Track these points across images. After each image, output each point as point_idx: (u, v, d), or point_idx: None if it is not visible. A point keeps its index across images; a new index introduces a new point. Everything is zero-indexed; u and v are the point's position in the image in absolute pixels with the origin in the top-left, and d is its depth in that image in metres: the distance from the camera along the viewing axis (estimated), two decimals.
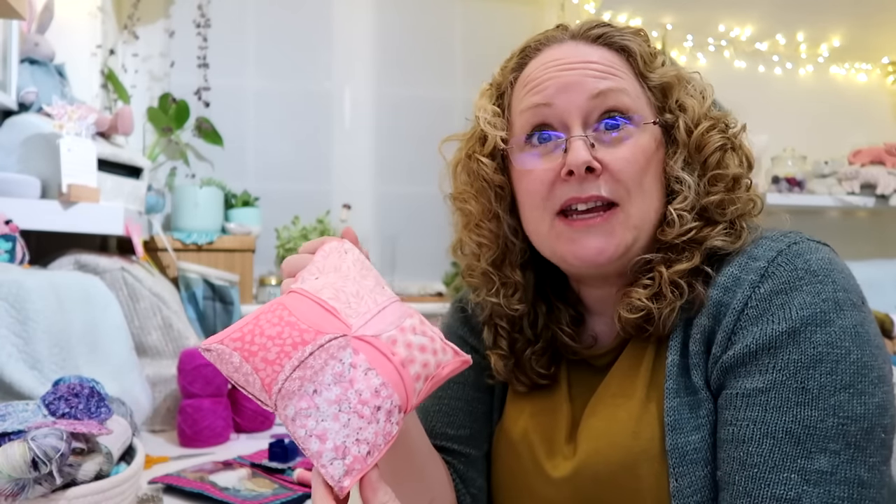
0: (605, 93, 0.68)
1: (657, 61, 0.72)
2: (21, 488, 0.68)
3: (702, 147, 0.69)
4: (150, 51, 2.22)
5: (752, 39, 2.73)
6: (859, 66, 2.92)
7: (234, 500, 0.98)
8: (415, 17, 2.51)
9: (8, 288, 1.06)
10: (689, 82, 0.72)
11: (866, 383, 0.58)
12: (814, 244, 0.64)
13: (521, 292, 0.75)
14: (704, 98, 0.72)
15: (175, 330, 1.46)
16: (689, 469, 0.61)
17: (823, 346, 0.58)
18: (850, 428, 0.56)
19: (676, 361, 0.65)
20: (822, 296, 0.60)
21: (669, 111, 0.71)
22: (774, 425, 0.58)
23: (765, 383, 0.59)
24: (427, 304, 2.31)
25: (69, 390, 0.79)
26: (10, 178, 1.34)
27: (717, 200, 0.68)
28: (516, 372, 0.77)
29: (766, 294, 0.61)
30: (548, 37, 0.74)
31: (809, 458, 0.56)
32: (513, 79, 0.74)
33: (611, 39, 0.71)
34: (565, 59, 0.70)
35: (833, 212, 2.79)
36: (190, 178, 2.22)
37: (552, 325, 0.76)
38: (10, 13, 1.19)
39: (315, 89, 2.41)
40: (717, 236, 0.67)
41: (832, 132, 2.75)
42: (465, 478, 0.77)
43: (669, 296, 0.66)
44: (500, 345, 0.78)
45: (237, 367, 0.53)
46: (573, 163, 0.66)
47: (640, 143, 0.68)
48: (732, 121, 0.72)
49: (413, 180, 2.47)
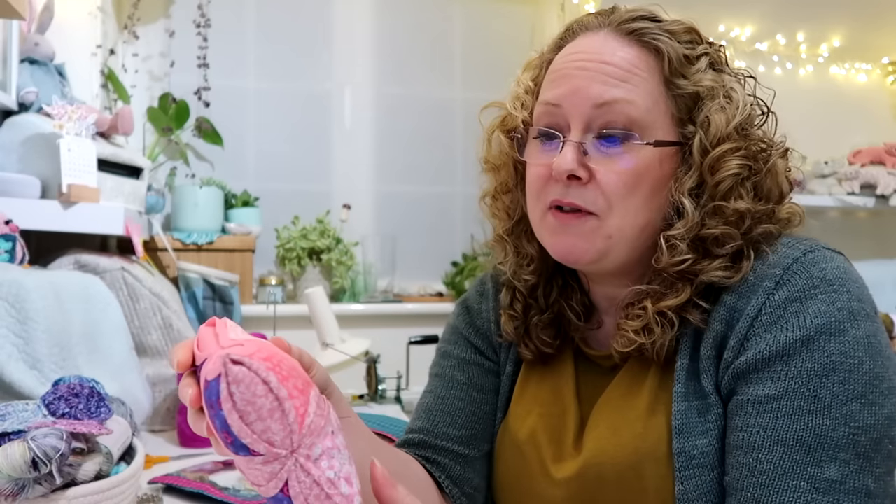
0: (611, 103, 0.65)
1: (695, 66, 0.67)
2: (21, 488, 0.68)
3: (716, 171, 0.64)
4: (150, 51, 2.22)
5: (752, 39, 2.73)
6: (859, 66, 2.92)
7: (234, 500, 0.98)
8: (415, 17, 2.51)
9: (8, 288, 1.06)
10: (728, 94, 0.67)
11: (877, 394, 0.58)
12: (829, 253, 0.64)
13: (536, 264, 0.77)
14: (737, 114, 0.66)
15: (175, 330, 1.46)
16: (695, 473, 0.61)
17: (837, 356, 0.58)
18: (860, 438, 0.56)
19: (686, 365, 0.65)
20: (837, 305, 0.59)
21: (693, 124, 0.66)
22: (785, 433, 0.58)
23: (777, 390, 0.59)
24: (427, 304, 2.31)
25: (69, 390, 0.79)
26: (10, 178, 1.34)
27: (717, 234, 0.64)
28: (525, 337, 0.78)
29: (780, 301, 0.61)
30: (588, 23, 0.72)
31: (819, 467, 0.56)
32: (549, 59, 0.74)
33: (644, 37, 0.67)
34: (587, 55, 0.68)
35: (833, 212, 2.79)
36: (190, 178, 2.22)
37: (562, 299, 0.77)
38: (10, 13, 1.19)
39: (315, 89, 2.41)
40: (713, 271, 0.64)
41: (832, 132, 2.75)
42: (461, 479, 0.77)
43: (658, 330, 0.65)
44: (514, 307, 0.79)
45: (264, 393, 0.43)
46: (556, 168, 0.66)
47: (637, 160, 0.65)
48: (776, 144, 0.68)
49: (413, 180, 2.47)
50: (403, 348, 1.81)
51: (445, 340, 0.86)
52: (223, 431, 0.44)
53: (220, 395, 0.43)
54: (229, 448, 0.45)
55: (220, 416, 0.44)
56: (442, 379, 0.82)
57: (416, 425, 0.81)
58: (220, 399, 0.43)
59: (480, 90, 2.46)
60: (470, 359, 0.83)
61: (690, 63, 0.67)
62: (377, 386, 1.78)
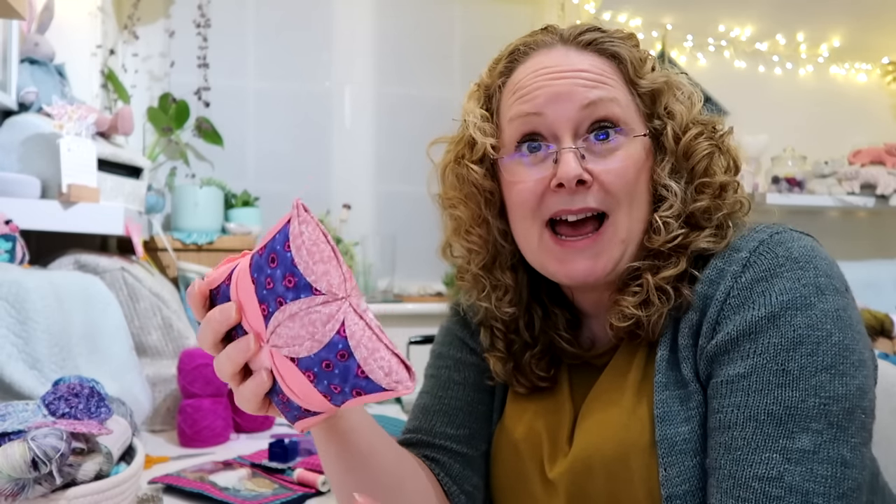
0: (596, 102, 0.67)
1: (647, 66, 0.71)
2: (21, 488, 0.68)
3: (689, 154, 0.69)
4: (150, 51, 2.22)
5: (752, 39, 2.73)
6: (859, 66, 2.92)
7: (234, 500, 0.98)
8: (414, 17, 2.51)
9: (8, 288, 1.06)
10: (678, 88, 0.71)
11: (847, 365, 0.58)
12: (796, 234, 0.65)
13: (512, 294, 0.75)
14: (693, 103, 0.71)
15: (175, 330, 1.46)
16: (677, 459, 0.62)
17: (804, 329, 0.58)
18: (831, 408, 0.57)
19: (666, 356, 0.66)
20: (803, 281, 0.60)
21: (658, 117, 0.70)
22: (756, 408, 0.58)
23: (746, 368, 0.59)
24: (427, 304, 2.31)
25: (69, 390, 0.79)
26: (10, 178, 1.34)
27: (704, 207, 0.68)
28: (516, 374, 0.76)
29: (747, 282, 0.61)
30: (537, 41, 0.72)
31: (791, 438, 0.57)
32: (501, 83, 0.73)
33: (601, 46, 0.70)
34: (556, 66, 0.69)
35: (833, 212, 2.79)
36: (190, 178, 2.22)
37: (549, 330, 0.76)
38: (10, 13, 1.19)
39: (315, 89, 2.41)
40: (703, 239, 0.67)
41: (832, 132, 2.75)
42: (461, 477, 0.77)
43: (657, 302, 0.66)
44: (497, 346, 0.77)
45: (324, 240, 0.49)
46: (564, 176, 0.66)
47: (630, 154, 0.68)
48: (720, 124, 0.72)
49: (413, 180, 2.47)
50: (403, 348, 1.81)
51: (440, 342, 0.86)
52: (287, 276, 0.48)
53: (289, 237, 0.48)
54: (289, 293, 0.48)
55: (286, 259, 0.48)
56: (438, 379, 0.82)
57: (414, 425, 0.81)
58: (290, 239, 0.48)
59: None
60: (465, 359, 0.83)
61: (643, 63, 0.71)
62: None
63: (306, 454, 1.16)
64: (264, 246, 0.50)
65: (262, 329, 0.50)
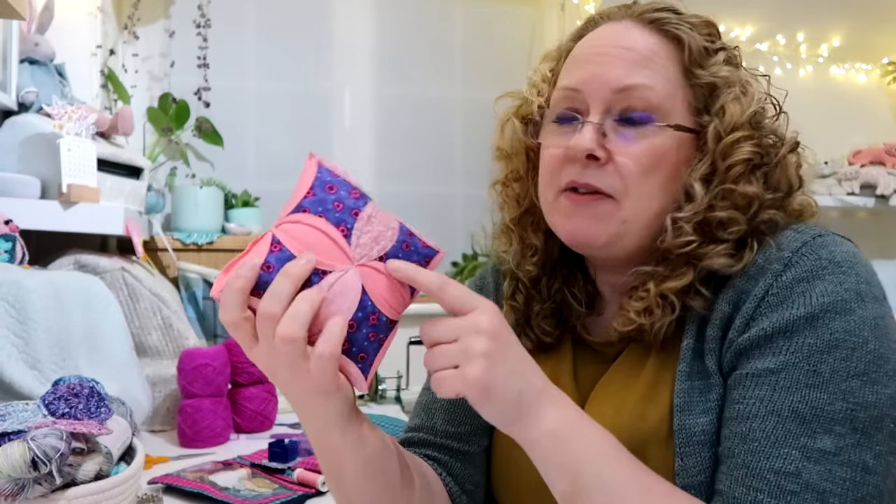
0: (630, 89, 0.66)
1: (713, 58, 0.69)
2: (21, 488, 0.68)
3: (727, 156, 0.66)
4: (150, 51, 2.22)
5: (752, 39, 2.73)
6: (859, 66, 2.92)
7: (233, 500, 0.98)
8: (415, 17, 2.51)
9: (8, 288, 1.06)
10: (744, 87, 0.68)
11: (881, 374, 0.57)
12: (839, 238, 0.64)
13: (539, 256, 0.77)
14: (750, 106, 0.67)
15: (175, 330, 1.46)
16: (695, 450, 0.62)
17: (841, 333, 0.58)
18: (858, 414, 0.56)
19: (691, 346, 0.65)
20: (845, 286, 0.59)
21: (709, 114, 0.68)
22: (781, 404, 0.57)
23: (776, 364, 0.59)
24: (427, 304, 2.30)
25: (69, 390, 0.79)
26: (10, 178, 1.34)
27: (722, 218, 0.65)
28: (525, 327, 0.78)
29: (788, 282, 0.61)
30: (610, 13, 0.73)
31: (813, 438, 0.56)
32: (568, 49, 0.75)
33: (664, 26, 0.69)
34: (609, 42, 0.69)
35: (833, 212, 2.79)
36: (190, 178, 2.22)
37: (565, 287, 0.77)
38: (10, 13, 1.19)
39: (315, 89, 2.41)
40: (717, 256, 0.64)
41: (832, 132, 2.74)
42: (462, 475, 0.78)
43: (658, 312, 0.66)
44: (516, 298, 0.78)
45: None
46: (573, 146, 0.66)
47: (655, 144, 0.66)
48: (785, 138, 0.69)
49: (413, 180, 2.47)
50: (403, 348, 1.81)
51: None
52: (350, 192, 0.58)
53: (330, 168, 0.59)
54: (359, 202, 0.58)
55: (341, 182, 0.59)
56: None
57: (415, 423, 0.82)
58: (332, 169, 0.59)
59: (480, 90, 2.46)
60: None
61: (709, 55, 0.69)
62: (377, 386, 1.78)
63: (306, 454, 1.16)
64: (311, 188, 0.58)
65: (340, 257, 0.56)
